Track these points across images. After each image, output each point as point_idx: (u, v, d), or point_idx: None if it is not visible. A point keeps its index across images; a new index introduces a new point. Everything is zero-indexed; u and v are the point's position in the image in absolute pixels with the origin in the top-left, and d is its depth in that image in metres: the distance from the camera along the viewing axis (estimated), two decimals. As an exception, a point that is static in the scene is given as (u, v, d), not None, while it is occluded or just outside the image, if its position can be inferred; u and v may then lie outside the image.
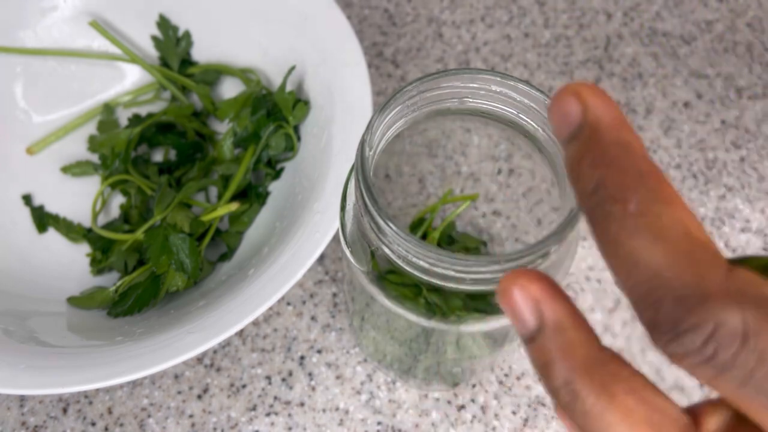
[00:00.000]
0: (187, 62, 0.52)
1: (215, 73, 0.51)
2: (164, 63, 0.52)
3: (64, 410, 0.44)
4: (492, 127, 0.33)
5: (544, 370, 0.19)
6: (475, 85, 0.29)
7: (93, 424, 0.44)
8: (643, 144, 0.18)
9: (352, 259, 0.32)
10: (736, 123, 0.55)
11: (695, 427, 0.18)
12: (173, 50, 0.51)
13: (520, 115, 0.30)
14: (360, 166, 0.26)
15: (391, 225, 0.26)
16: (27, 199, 0.49)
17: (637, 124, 0.55)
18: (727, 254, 0.49)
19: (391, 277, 0.31)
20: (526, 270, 0.19)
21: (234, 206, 0.47)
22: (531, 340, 0.19)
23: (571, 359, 0.18)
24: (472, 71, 0.29)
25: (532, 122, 0.29)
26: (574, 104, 0.18)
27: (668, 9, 0.59)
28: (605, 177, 0.18)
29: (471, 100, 0.30)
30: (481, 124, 0.32)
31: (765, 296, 0.16)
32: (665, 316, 0.17)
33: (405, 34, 0.58)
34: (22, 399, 0.45)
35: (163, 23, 0.51)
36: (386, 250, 0.27)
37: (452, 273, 0.26)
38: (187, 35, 0.51)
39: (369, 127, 0.27)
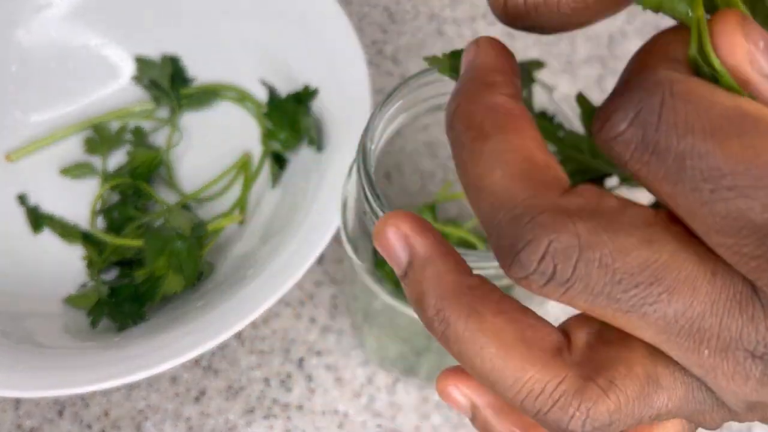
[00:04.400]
0: (180, 78, 0.51)
1: (211, 95, 0.51)
2: (154, 83, 0.51)
3: (60, 413, 0.44)
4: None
5: (417, 304, 0.19)
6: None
7: (89, 426, 0.43)
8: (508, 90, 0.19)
9: (354, 257, 0.32)
10: (740, 121, 0.55)
11: (567, 342, 0.18)
12: (162, 75, 0.51)
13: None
14: (362, 161, 0.26)
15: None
16: (22, 198, 0.49)
17: (640, 122, 0.54)
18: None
19: (393, 273, 0.31)
20: (397, 211, 0.20)
21: (238, 218, 0.47)
22: (404, 275, 0.19)
23: (440, 287, 0.18)
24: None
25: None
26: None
27: (671, 6, 0.59)
28: (458, 107, 0.19)
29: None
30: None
31: (601, 208, 0.17)
32: (504, 238, 0.17)
33: (405, 31, 0.58)
34: (18, 401, 0.44)
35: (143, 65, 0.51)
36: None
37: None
38: (175, 60, 0.51)
39: (371, 121, 0.27)
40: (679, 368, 0.18)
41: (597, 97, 0.55)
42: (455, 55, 0.21)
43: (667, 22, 0.18)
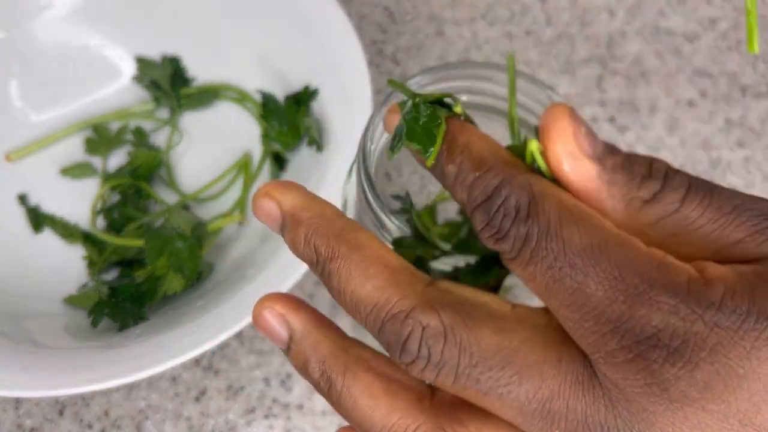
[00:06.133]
0: (181, 78, 0.51)
1: (211, 95, 0.51)
2: (154, 83, 0.51)
3: (61, 412, 0.44)
4: (494, 124, 0.32)
5: (304, 370, 0.22)
6: (477, 79, 0.29)
7: (90, 426, 0.43)
8: (332, 206, 0.22)
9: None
10: (740, 122, 0.55)
11: (431, 393, 0.21)
12: (162, 75, 0.51)
13: (523, 108, 0.29)
14: (362, 161, 0.26)
15: (393, 220, 0.25)
16: (22, 198, 0.49)
17: (640, 123, 0.54)
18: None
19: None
20: (269, 294, 0.23)
21: (239, 218, 0.47)
22: (288, 349, 0.23)
23: (320, 353, 0.22)
24: (473, 65, 0.28)
25: (534, 117, 0.29)
26: (270, 203, 0.23)
27: (672, 6, 0.59)
28: (317, 246, 0.22)
29: (473, 94, 0.29)
30: (483, 119, 0.32)
31: (458, 299, 0.20)
32: (389, 335, 0.20)
33: (405, 32, 0.58)
34: (18, 401, 0.44)
35: (144, 65, 0.51)
36: (388, 246, 0.26)
37: (453, 268, 0.25)
38: (175, 61, 0.51)
39: (371, 121, 0.27)
40: None
41: (596, 97, 0.55)
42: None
43: (666, 22, 0.18)
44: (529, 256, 0.19)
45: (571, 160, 0.20)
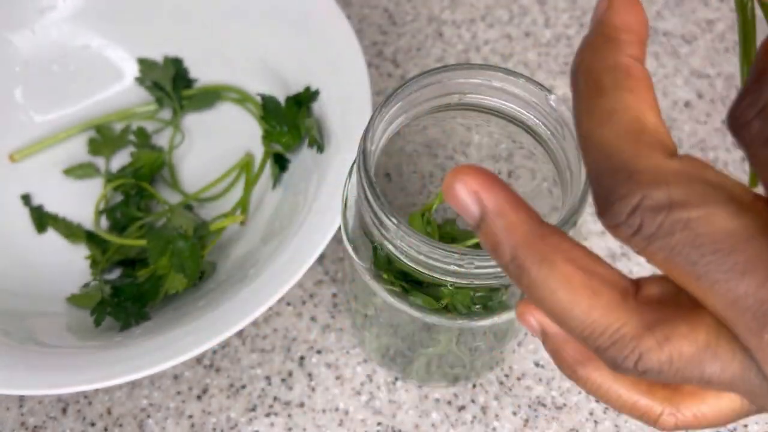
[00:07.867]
0: (183, 80, 0.51)
1: (213, 96, 0.51)
2: (156, 84, 0.51)
3: (64, 410, 0.44)
4: (493, 125, 0.33)
5: (494, 251, 0.20)
6: (476, 81, 0.29)
7: (92, 424, 0.44)
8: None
9: (354, 256, 0.32)
10: (737, 123, 0.55)
11: (635, 291, 0.20)
12: (164, 77, 0.51)
13: (522, 110, 0.30)
14: (362, 161, 0.26)
15: (393, 220, 0.25)
16: (26, 198, 0.49)
17: (637, 123, 0.54)
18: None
19: (393, 273, 0.31)
20: (463, 166, 0.20)
21: (240, 218, 0.47)
22: (478, 227, 0.20)
23: (514, 236, 0.20)
24: (473, 66, 0.29)
25: (533, 117, 0.29)
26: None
27: (669, 8, 0.59)
28: (583, 61, 0.20)
29: (472, 95, 0.30)
30: (482, 120, 0.32)
31: (700, 176, 0.18)
32: (602, 189, 0.18)
33: (405, 33, 0.58)
34: (21, 399, 0.45)
35: (145, 65, 0.52)
36: (388, 245, 0.27)
37: (453, 268, 0.26)
38: (177, 62, 0.52)
39: (371, 122, 0.27)
40: (741, 347, 0.18)
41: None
42: None
43: (663, 24, 0.18)
44: None
45: None
